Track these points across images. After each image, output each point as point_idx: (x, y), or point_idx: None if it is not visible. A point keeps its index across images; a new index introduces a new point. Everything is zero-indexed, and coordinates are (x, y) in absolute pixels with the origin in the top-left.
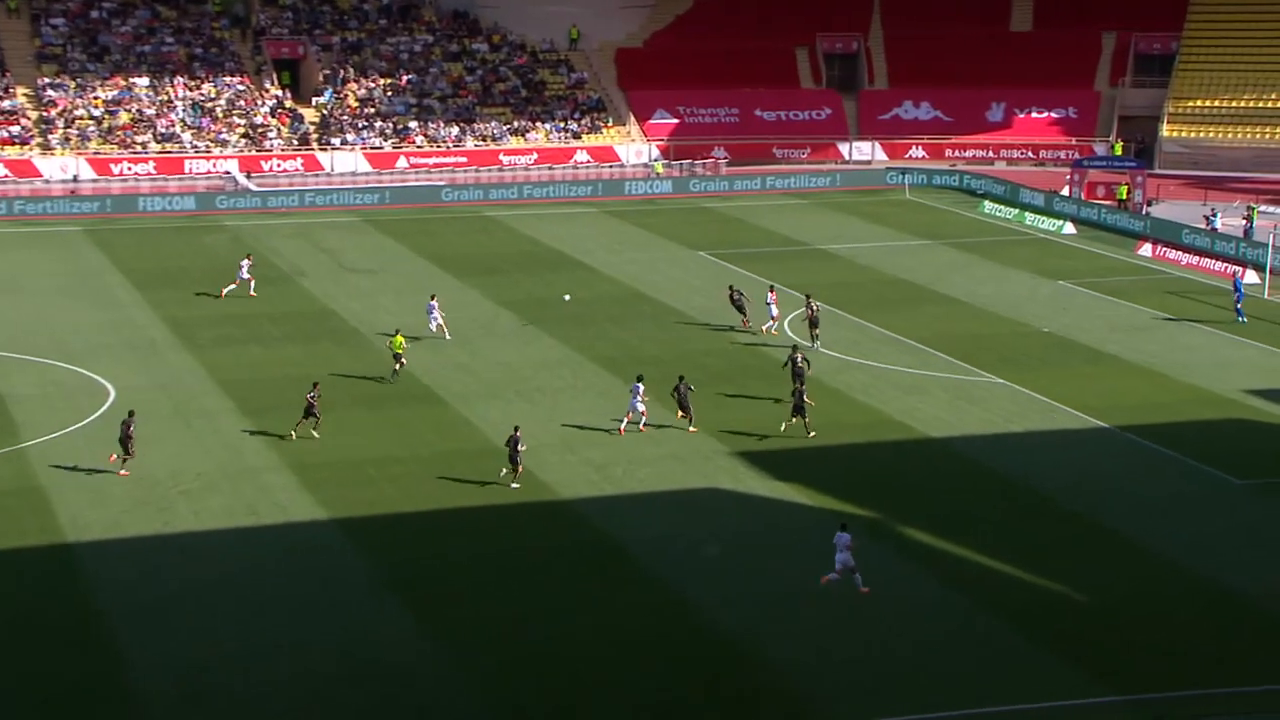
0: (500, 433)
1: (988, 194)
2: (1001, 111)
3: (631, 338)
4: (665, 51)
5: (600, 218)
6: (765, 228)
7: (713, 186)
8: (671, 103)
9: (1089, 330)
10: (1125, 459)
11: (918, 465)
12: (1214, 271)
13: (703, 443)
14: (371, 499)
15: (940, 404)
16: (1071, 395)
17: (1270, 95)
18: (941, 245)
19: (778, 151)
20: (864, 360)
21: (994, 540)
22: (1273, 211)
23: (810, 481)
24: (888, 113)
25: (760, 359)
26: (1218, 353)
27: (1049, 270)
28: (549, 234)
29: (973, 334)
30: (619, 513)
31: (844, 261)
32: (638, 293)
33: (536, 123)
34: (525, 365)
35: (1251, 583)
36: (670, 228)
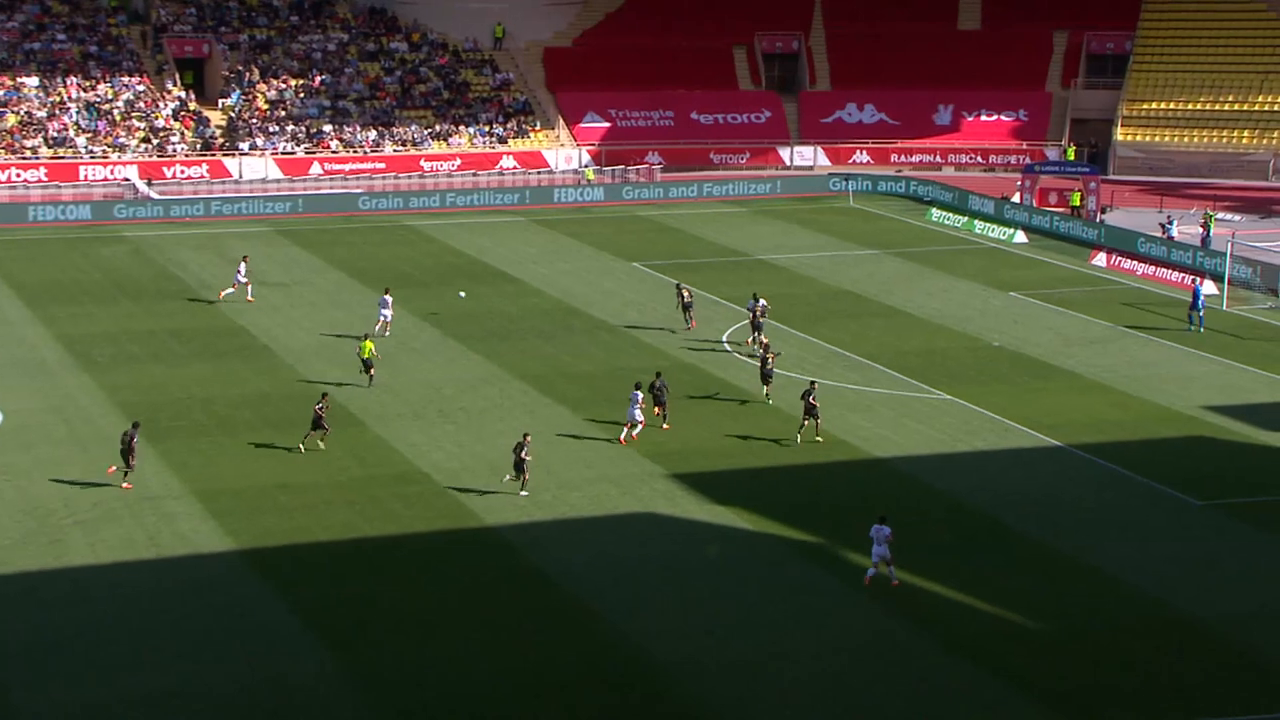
0: (420, 455)
1: (935, 201)
2: (949, 114)
3: (561, 354)
4: (596, 51)
5: (528, 227)
6: (703, 237)
7: (647, 194)
8: (603, 105)
9: (1042, 344)
10: (1080, 479)
11: (862, 486)
12: (1171, 282)
13: (637, 465)
14: (283, 528)
15: (886, 422)
16: (1023, 412)
17: (1227, 97)
18: (887, 255)
19: (715, 156)
20: (807, 377)
21: (942, 565)
22: (1230, 219)
23: (750, 504)
24: (830, 116)
25: (696, 376)
26: (1176, 367)
27: (1000, 281)
28: (474, 244)
29: (920, 348)
30: (548, 540)
31: (785, 272)
32: (568, 306)
33: (460, 126)
34: (448, 383)
35: (1212, 609)
36: (602, 237)
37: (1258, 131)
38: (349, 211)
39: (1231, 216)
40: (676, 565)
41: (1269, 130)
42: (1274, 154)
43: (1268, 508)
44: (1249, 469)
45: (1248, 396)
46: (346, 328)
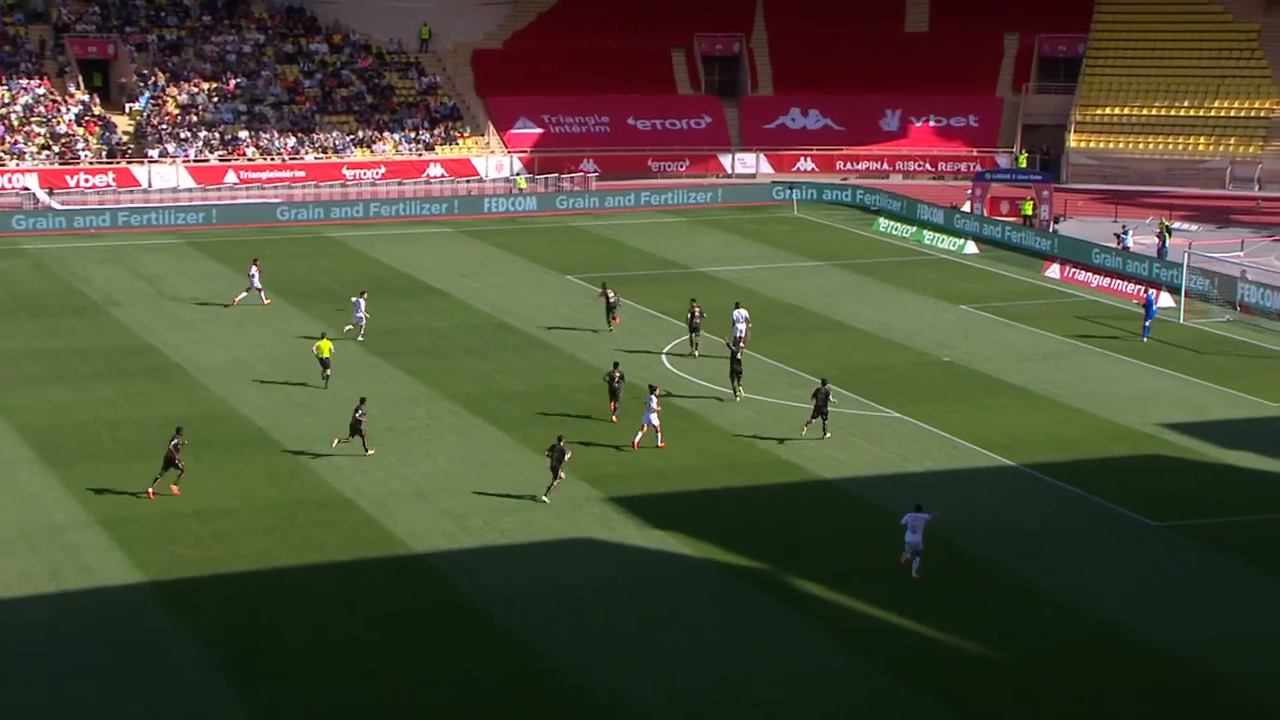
0: (343, 479)
1: (882, 210)
2: (897, 120)
3: (492, 371)
4: (527, 53)
5: (457, 238)
6: (640, 248)
7: (582, 203)
8: (535, 110)
9: (994, 359)
10: (1032, 500)
11: (808, 509)
12: (1126, 294)
13: (573, 488)
14: (195, 558)
15: (833, 442)
16: (975, 431)
17: (1183, 102)
18: (833, 267)
19: (653, 164)
20: (749, 394)
21: (891, 589)
22: (1187, 229)
23: (691, 529)
24: (773, 121)
25: (636, 394)
26: (1132, 383)
27: (950, 293)
28: (399, 257)
29: (867, 364)
30: (479, 567)
31: (727, 285)
32: (499, 321)
33: (384, 132)
34: (373, 403)
35: (1169, 635)
36: (535, 249)
37: (1214, 138)
38: (266, 222)
39: (1188, 226)
40: (615, 593)
41: (1225, 137)
42: (1231, 161)
43: (1226, 529)
44: (1207, 488)
45: (1205, 413)
46: (263, 345)
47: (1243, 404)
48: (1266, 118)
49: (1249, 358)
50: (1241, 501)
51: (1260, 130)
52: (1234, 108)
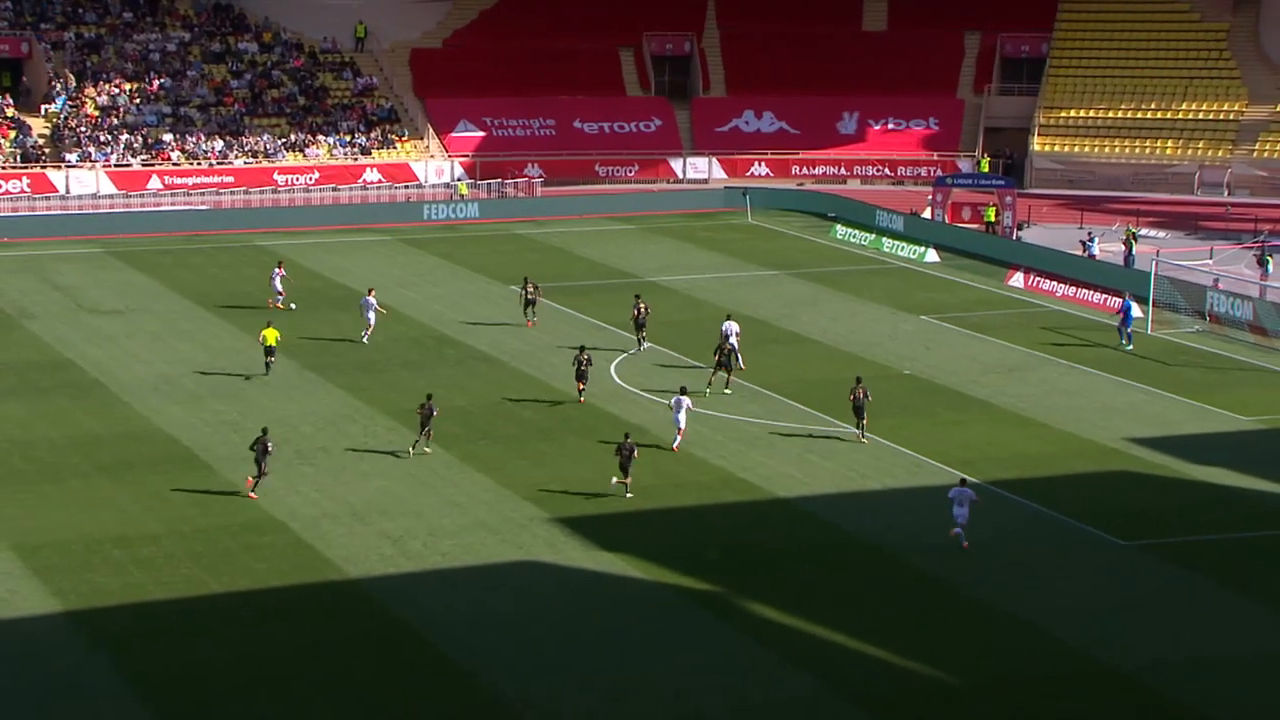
0: (275, 501)
1: (840, 217)
2: (854, 123)
3: (433, 386)
4: (468, 53)
5: (395, 247)
6: (587, 257)
7: (526, 210)
8: (477, 113)
9: (956, 372)
10: (996, 518)
11: (764, 529)
12: (1092, 304)
13: (517, 508)
14: (117, 586)
15: (789, 459)
16: (936, 447)
17: (1150, 104)
18: (789, 276)
19: (601, 169)
20: (702, 410)
21: (850, 612)
22: (1154, 236)
23: (641, 550)
24: (726, 124)
25: (582, 411)
26: (1099, 396)
27: (910, 304)
28: (334, 266)
29: (825, 378)
30: (418, 593)
31: (678, 295)
32: (440, 334)
33: (317, 136)
34: (306, 421)
35: (1138, 658)
36: (477, 258)
37: (1182, 141)
38: (192, 230)
39: (1155, 233)
40: (561, 618)
41: (1194, 140)
42: (1199, 165)
43: (1196, 548)
44: (1176, 506)
45: (1175, 427)
46: (190, 360)
47: (1213, 418)
48: (1236, 120)
49: (1219, 370)
50: (1212, 519)
51: (1229, 133)
52: (1202, 110)
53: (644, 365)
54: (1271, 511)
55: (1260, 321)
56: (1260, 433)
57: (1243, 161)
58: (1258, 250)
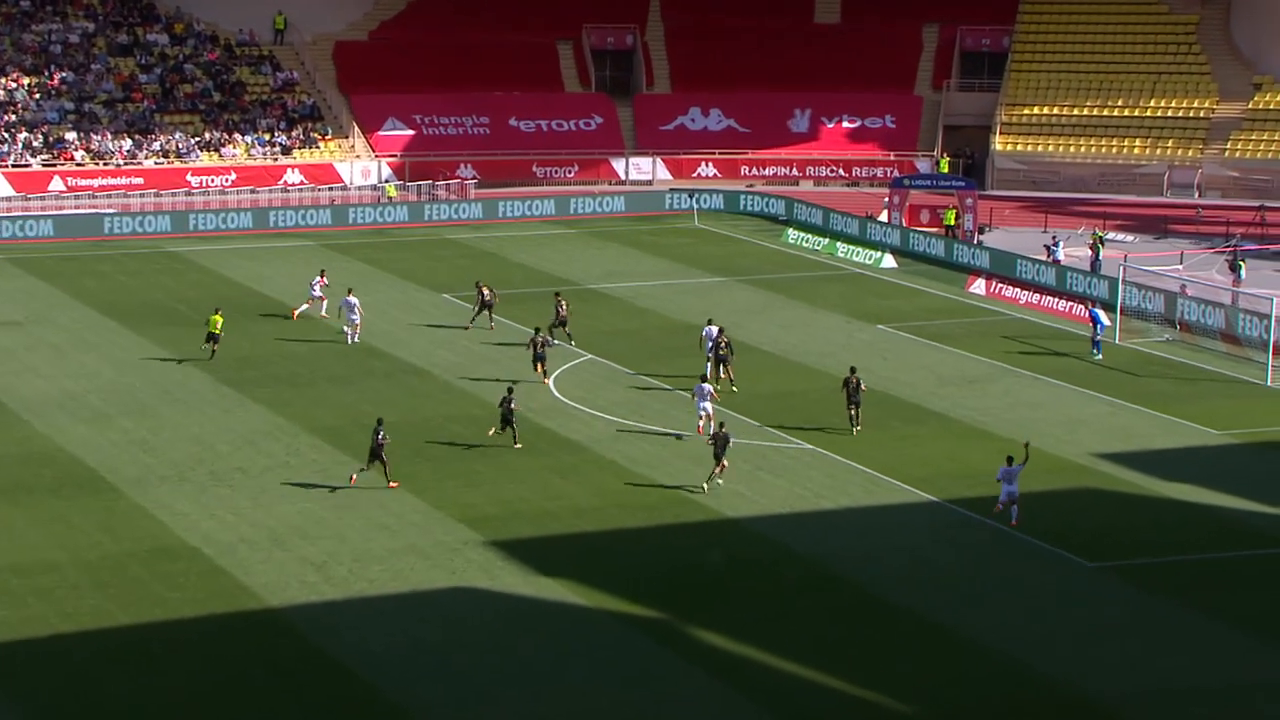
0: (188, 526)
1: (792, 220)
2: (806, 120)
3: (360, 401)
4: (396, 46)
5: (318, 253)
6: (524, 263)
7: (459, 213)
8: (406, 110)
9: (914, 384)
10: (957, 539)
11: (712, 552)
12: (1057, 311)
13: (449, 531)
14: (14, 620)
15: (739, 476)
16: (894, 463)
17: (1117, 101)
18: (738, 283)
19: (538, 169)
20: (647, 425)
21: (804, 638)
22: (1122, 240)
23: (582, 575)
24: (671, 122)
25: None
26: (1064, 409)
27: (866, 312)
28: (253, 274)
29: (776, 390)
30: (343, 623)
31: (621, 303)
32: (366, 346)
33: (234, 135)
34: (222, 439)
35: (1105, 686)
36: (406, 264)
37: (1150, 140)
38: (98, 235)
39: (1123, 237)
40: (496, 649)
41: (1163, 139)
42: (1169, 166)
43: (1166, 570)
44: (1145, 525)
45: (1143, 442)
46: (96, 374)
47: (1183, 431)
48: (1206, 118)
49: (1190, 381)
50: (1183, 539)
51: (1200, 132)
52: (1171, 107)
53: (584, 378)
54: (1245, 531)
55: (1232, 330)
56: (1232, 447)
57: (1214, 161)
58: (1230, 255)
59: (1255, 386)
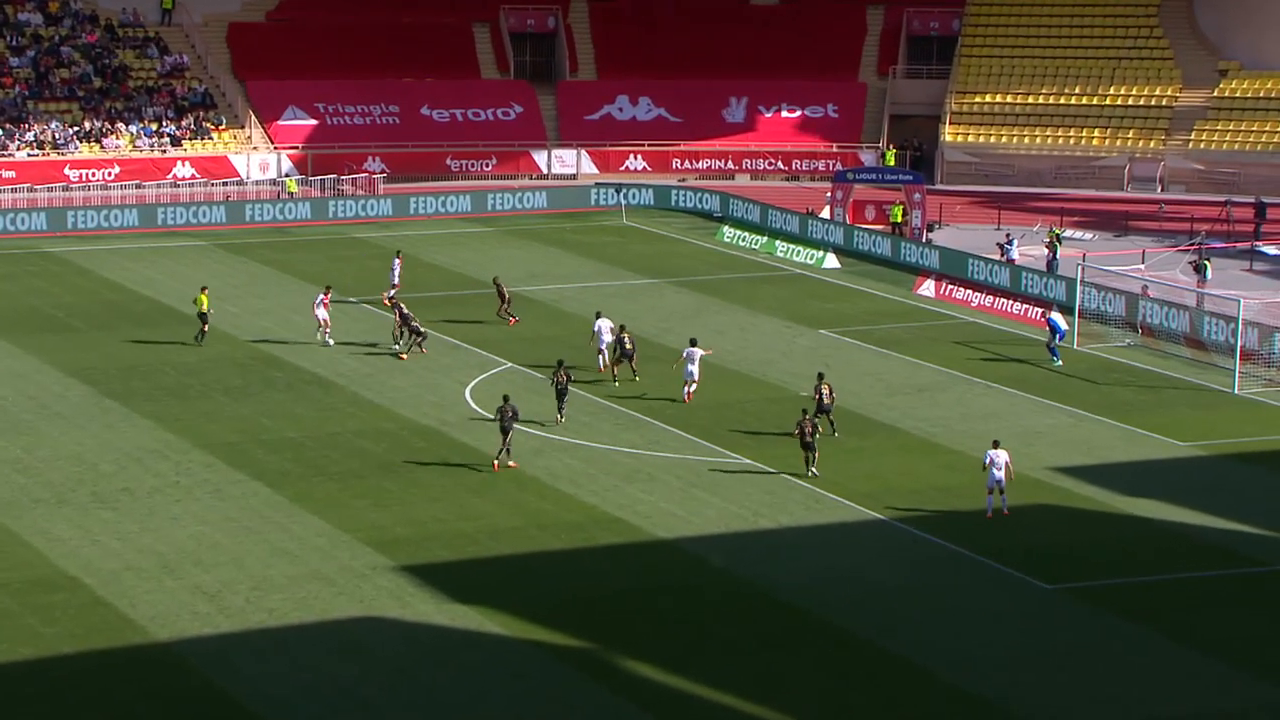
0: (67, 553)
1: (727, 217)
2: (743, 110)
3: (258, 415)
4: (297, 28)
5: (211, 253)
6: (438, 264)
7: (366, 210)
8: (308, 97)
9: (858, 393)
10: (905, 559)
11: (642, 576)
12: (1012, 315)
13: (357, 555)
14: None
15: (671, 494)
16: (837, 478)
17: (1074, 89)
18: (669, 285)
19: (453, 162)
20: (571, 439)
21: (740, 667)
22: (1080, 237)
23: (502, 602)
24: (597, 111)
25: (432, 441)
26: (1019, 420)
27: (807, 316)
28: (139, 277)
29: (711, 401)
30: (239, 656)
31: (543, 307)
32: (266, 355)
33: (117, 124)
34: (106, 458)
35: (1063, 714)
36: (309, 266)
37: (1110, 130)
38: None
39: (1082, 234)
40: (409, 683)
41: (1123, 129)
42: (1130, 158)
43: (1130, 591)
44: (1107, 544)
45: (1104, 454)
46: None
47: (1147, 443)
48: (1169, 107)
49: (1153, 389)
50: (1147, 559)
51: (1162, 122)
52: (1132, 95)
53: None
54: (1213, 549)
55: (1197, 334)
56: (1199, 460)
57: (1177, 153)
58: (1194, 254)
59: (1222, 395)
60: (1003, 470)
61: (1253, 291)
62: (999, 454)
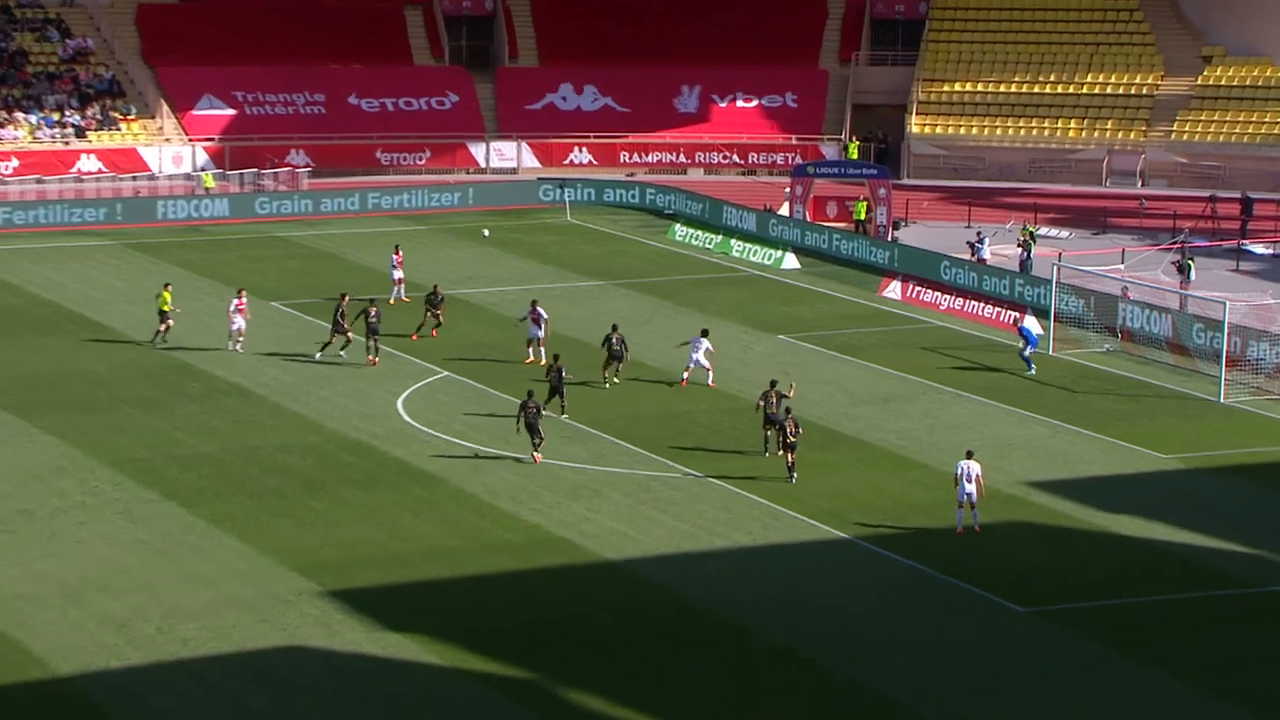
0: None
1: (679, 214)
2: (695, 99)
3: (172, 429)
4: (213, 10)
5: (120, 254)
6: (366, 265)
7: (290, 207)
8: (225, 85)
9: (821, 403)
10: (869, 581)
11: (588, 600)
12: (983, 319)
13: (279, 580)
14: None
15: (619, 511)
16: (796, 494)
17: (1049, 76)
18: (616, 287)
19: (383, 155)
20: (508, 453)
21: (697, 700)
22: (1055, 235)
23: (435, 629)
24: (539, 101)
25: (362, 455)
26: (992, 430)
27: (765, 320)
28: (41, 279)
29: (662, 411)
30: (149, 691)
31: (481, 312)
32: (180, 363)
33: (15, 114)
34: (3, 477)
35: None
36: (227, 267)
37: (1088, 121)
38: None
39: (1058, 232)
40: (336, 717)
41: (1101, 120)
42: (1108, 150)
43: (1108, 615)
44: (1084, 564)
45: (1081, 468)
46: None
47: (1128, 456)
48: (1151, 95)
49: (1134, 397)
50: (1127, 580)
51: (1143, 112)
52: (1111, 83)
53: (439, 399)
54: (1197, 569)
55: (1181, 339)
56: (1183, 473)
57: (1159, 145)
58: (1177, 253)
59: (1207, 404)
60: (974, 483)
61: (1239, 293)
62: (971, 465)
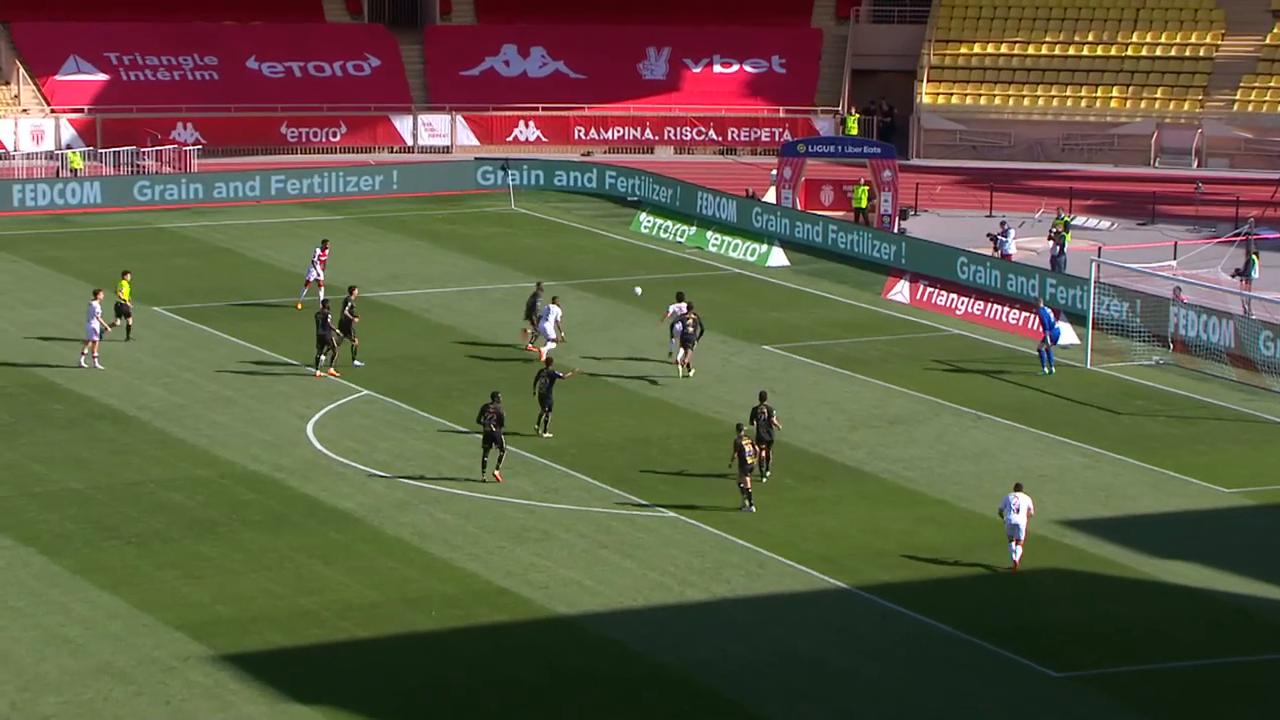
0: None
1: (645, 202)
2: (664, 64)
3: (30, 461)
4: None
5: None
6: (269, 262)
7: (176, 193)
8: (95, 45)
9: (813, 427)
10: (873, 640)
11: (536, 663)
12: (1007, 325)
13: (163, 642)
14: None
15: (574, 557)
16: (786, 536)
17: (1086, 35)
18: (570, 288)
19: (289, 131)
20: (447, 488)
21: None
22: (1094, 226)
23: (351, 699)
24: (476, 66)
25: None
26: (1017, 459)
27: (747, 327)
28: None
29: (626, 436)
30: None
31: (409, 318)
32: (41, 381)
33: None
34: None
35: None
36: (100, 266)
37: (1132, 90)
38: None
39: (1097, 222)
40: None
41: (1149, 87)
42: (1157, 124)
43: (1157, 680)
44: (1130, 620)
45: (1127, 504)
46: None
47: (1181, 490)
48: (1209, 58)
49: (1189, 420)
50: (1180, 638)
51: (1199, 78)
52: (1161, 44)
53: (358, 423)
54: (1269, 627)
55: (1244, 349)
56: (1248, 510)
57: (1218, 117)
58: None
59: (1277, 427)
60: (1023, 516)
61: None
62: (1020, 499)
